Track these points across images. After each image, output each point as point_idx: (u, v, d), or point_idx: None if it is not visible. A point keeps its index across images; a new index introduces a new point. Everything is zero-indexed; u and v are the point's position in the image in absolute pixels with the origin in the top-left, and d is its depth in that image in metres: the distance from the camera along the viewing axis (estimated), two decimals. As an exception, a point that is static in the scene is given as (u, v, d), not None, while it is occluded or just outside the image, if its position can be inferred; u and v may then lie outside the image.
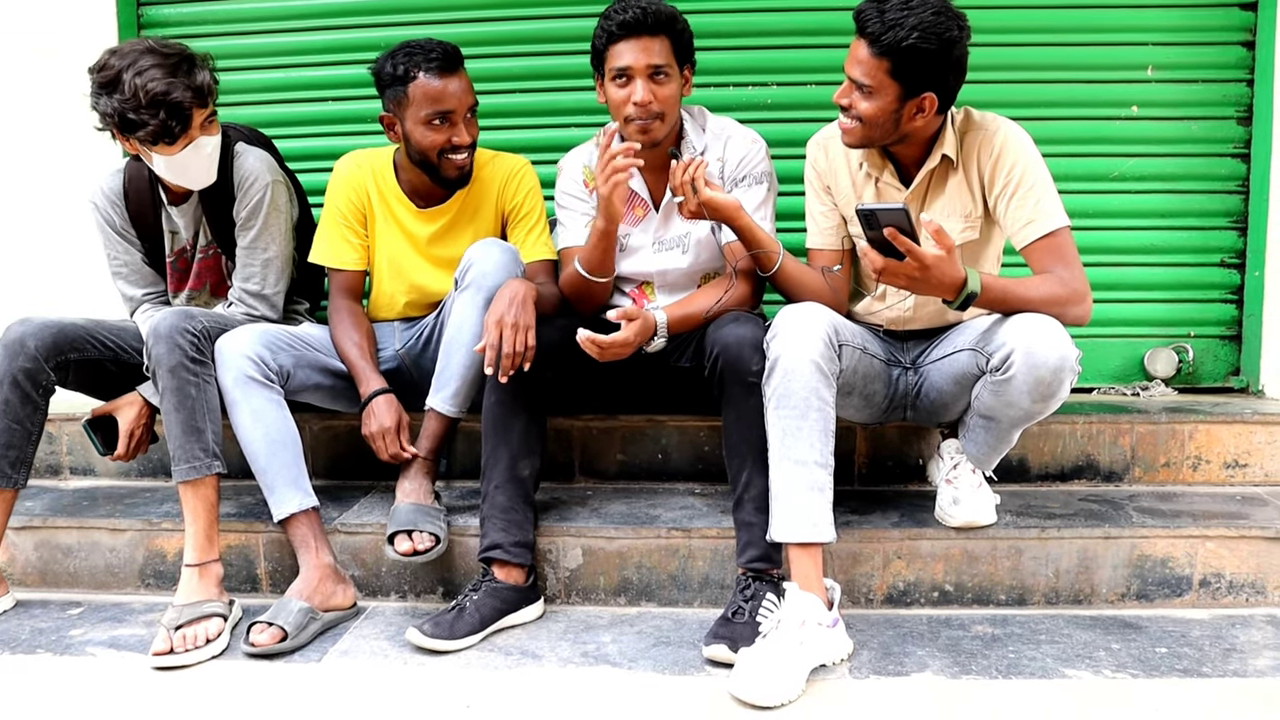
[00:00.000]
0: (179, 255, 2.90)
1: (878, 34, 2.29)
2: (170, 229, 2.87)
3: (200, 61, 2.61)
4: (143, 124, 2.52)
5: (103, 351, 2.76)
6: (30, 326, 2.64)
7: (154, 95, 2.50)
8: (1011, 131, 2.45)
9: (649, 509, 2.77)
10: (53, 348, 2.64)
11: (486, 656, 2.37)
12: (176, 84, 2.52)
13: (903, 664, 2.28)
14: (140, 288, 2.92)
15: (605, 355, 2.47)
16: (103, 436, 2.78)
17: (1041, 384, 2.22)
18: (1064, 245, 2.37)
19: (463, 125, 2.70)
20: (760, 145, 2.75)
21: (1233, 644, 2.36)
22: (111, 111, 2.53)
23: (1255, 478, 2.95)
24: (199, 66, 2.59)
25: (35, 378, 2.62)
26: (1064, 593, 2.57)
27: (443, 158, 2.72)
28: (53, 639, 2.51)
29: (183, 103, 2.53)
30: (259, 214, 2.79)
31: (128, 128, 2.55)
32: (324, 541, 2.58)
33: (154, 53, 2.54)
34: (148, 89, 2.49)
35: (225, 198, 2.80)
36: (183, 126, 2.56)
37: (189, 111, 2.56)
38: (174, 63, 2.54)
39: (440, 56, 2.65)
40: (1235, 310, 3.41)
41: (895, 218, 2.13)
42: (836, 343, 2.34)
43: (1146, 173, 3.37)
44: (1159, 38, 3.32)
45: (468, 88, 2.71)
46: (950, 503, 2.59)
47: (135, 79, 2.50)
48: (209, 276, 2.92)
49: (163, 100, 2.51)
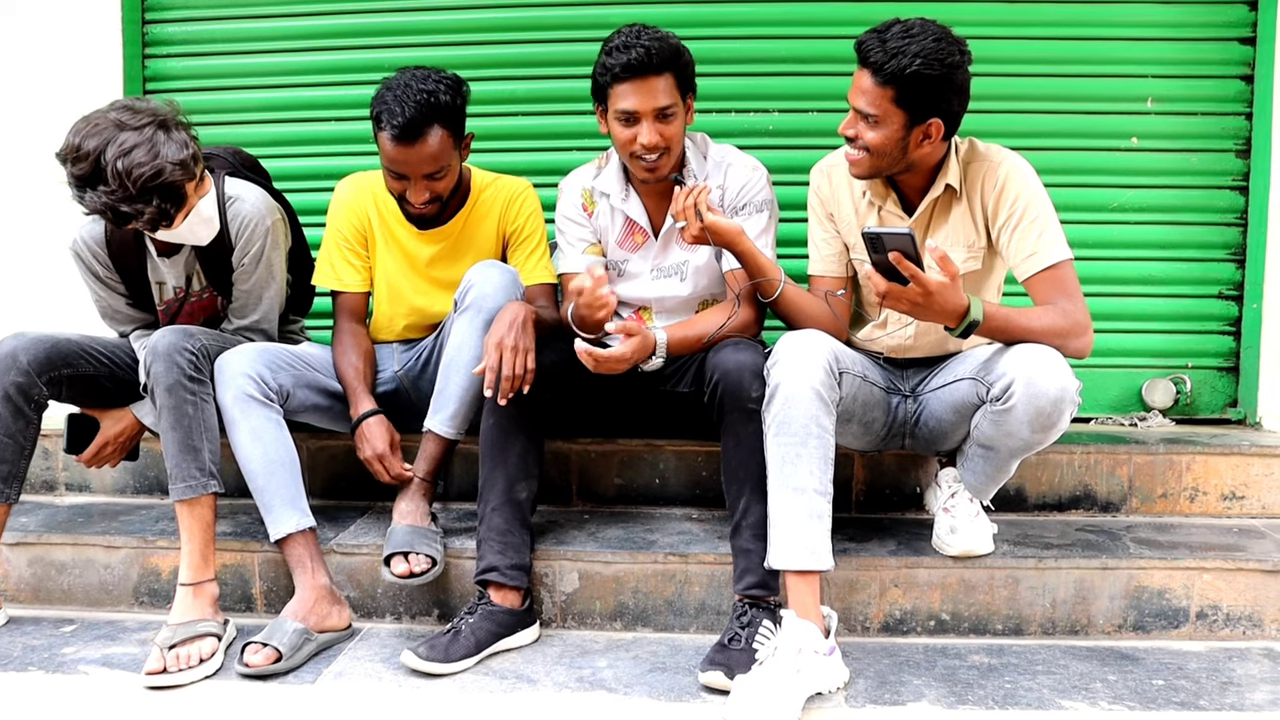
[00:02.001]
0: (169, 304, 2.83)
1: (881, 63, 2.30)
2: (157, 279, 2.79)
3: (174, 123, 2.44)
4: (138, 214, 2.37)
5: (97, 367, 2.74)
6: (23, 341, 2.62)
7: (143, 182, 2.33)
8: (1016, 163, 2.46)
9: (646, 534, 2.77)
10: (45, 362, 2.62)
11: (482, 680, 2.35)
12: (164, 163, 2.35)
13: (899, 693, 2.27)
14: (129, 325, 2.87)
15: (600, 367, 2.47)
16: (79, 435, 2.78)
17: (1041, 415, 2.22)
18: (1066, 278, 2.37)
19: (420, 186, 2.65)
20: (761, 172, 2.76)
21: (1230, 677, 2.35)
22: (101, 207, 2.35)
23: (1252, 510, 2.95)
24: (174, 129, 2.42)
25: (27, 392, 2.60)
26: (1061, 623, 2.57)
27: (401, 201, 2.74)
28: (45, 656, 2.49)
29: (175, 183, 2.38)
30: (261, 259, 2.74)
31: (122, 220, 2.39)
32: (320, 562, 2.57)
33: (125, 127, 2.35)
34: (134, 176, 2.31)
35: (222, 246, 2.71)
36: (178, 206, 2.43)
37: (182, 189, 2.42)
38: (151, 134, 2.36)
39: (402, 125, 2.55)
40: (1233, 342, 3.42)
41: (901, 242, 2.13)
42: (837, 370, 2.34)
43: (1146, 204, 3.39)
44: (1159, 70, 3.35)
45: (428, 156, 2.61)
46: (948, 531, 2.59)
47: (118, 164, 2.31)
48: (201, 315, 2.86)
49: (154, 185, 2.34)
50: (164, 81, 3.62)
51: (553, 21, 3.50)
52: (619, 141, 2.65)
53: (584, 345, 2.44)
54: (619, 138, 2.63)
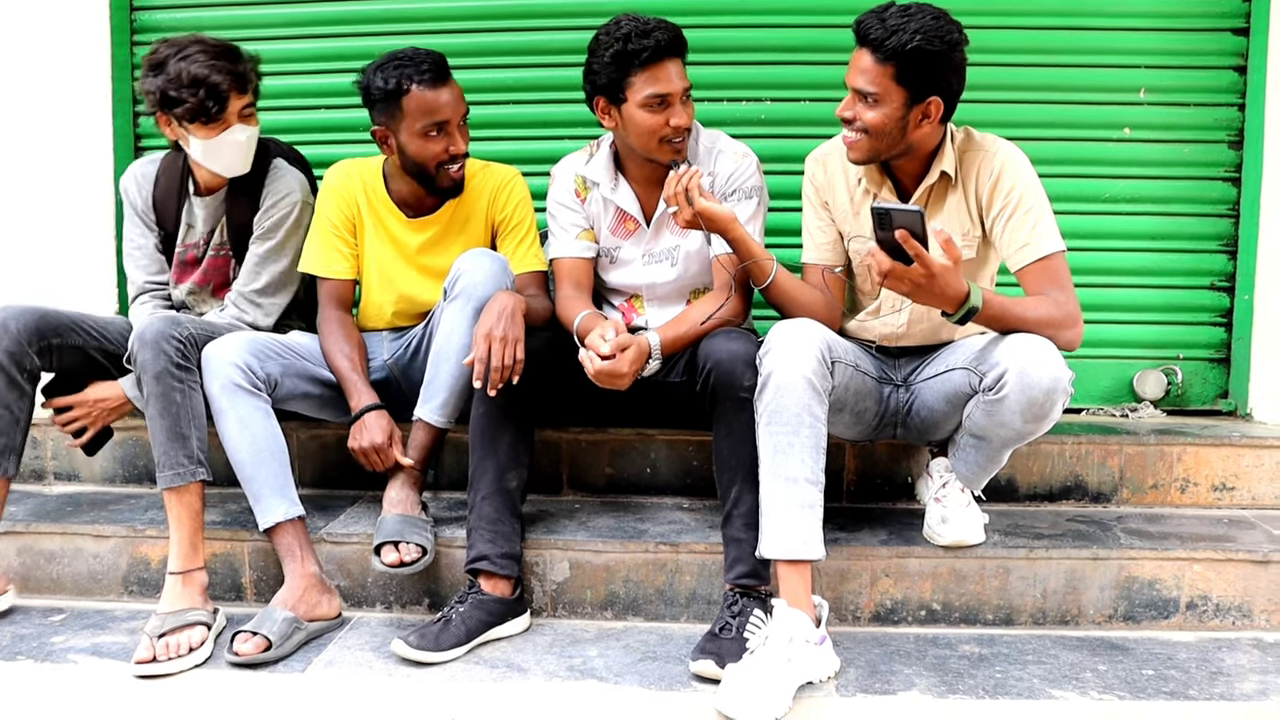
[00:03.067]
0: (189, 248, 2.92)
1: (881, 40, 2.30)
2: (188, 221, 2.91)
3: (246, 56, 2.76)
4: (181, 101, 2.65)
5: (86, 339, 2.76)
6: (11, 311, 2.65)
7: (194, 77, 2.63)
8: (1011, 154, 2.45)
9: (637, 523, 2.77)
10: (35, 331, 2.64)
11: (472, 669, 2.35)
12: (217, 68, 2.66)
13: (889, 682, 2.28)
14: (147, 273, 2.94)
15: (601, 383, 2.48)
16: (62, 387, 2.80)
17: (1034, 405, 2.22)
18: (1059, 269, 2.37)
19: (458, 134, 2.70)
20: (751, 159, 2.74)
21: (1219, 667, 2.36)
22: (154, 90, 2.67)
23: (1243, 500, 2.95)
24: (243, 59, 2.74)
25: (19, 361, 2.62)
26: (1051, 613, 2.57)
27: (440, 169, 2.71)
28: (34, 646, 2.48)
29: (220, 85, 2.65)
30: (281, 228, 2.84)
31: (167, 104, 2.67)
32: (310, 551, 2.57)
33: (202, 43, 2.70)
34: (189, 71, 2.63)
35: (251, 204, 2.86)
36: (219, 108, 2.68)
37: (226, 94, 2.67)
38: (218, 51, 2.69)
39: (431, 68, 2.65)
40: (1224, 333, 3.42)
41: (909, 220, 2.11)
42: (829, 359, 2.34)
43: (1138, 195, 3.38)
44: (1151, 61, 3.34)
45: (459, 96, 2.71)
46: (939, 521, 2.59)
47: (180, 63, 2.64)
48: (215, 277, 2.92)
49: (202, 82, 2.64)
50: (152, 69, 3.59)
51: (542, 9, 3.47)
52: (646, 128, 2.60)
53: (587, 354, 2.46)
54: (646, 125, 2.60)
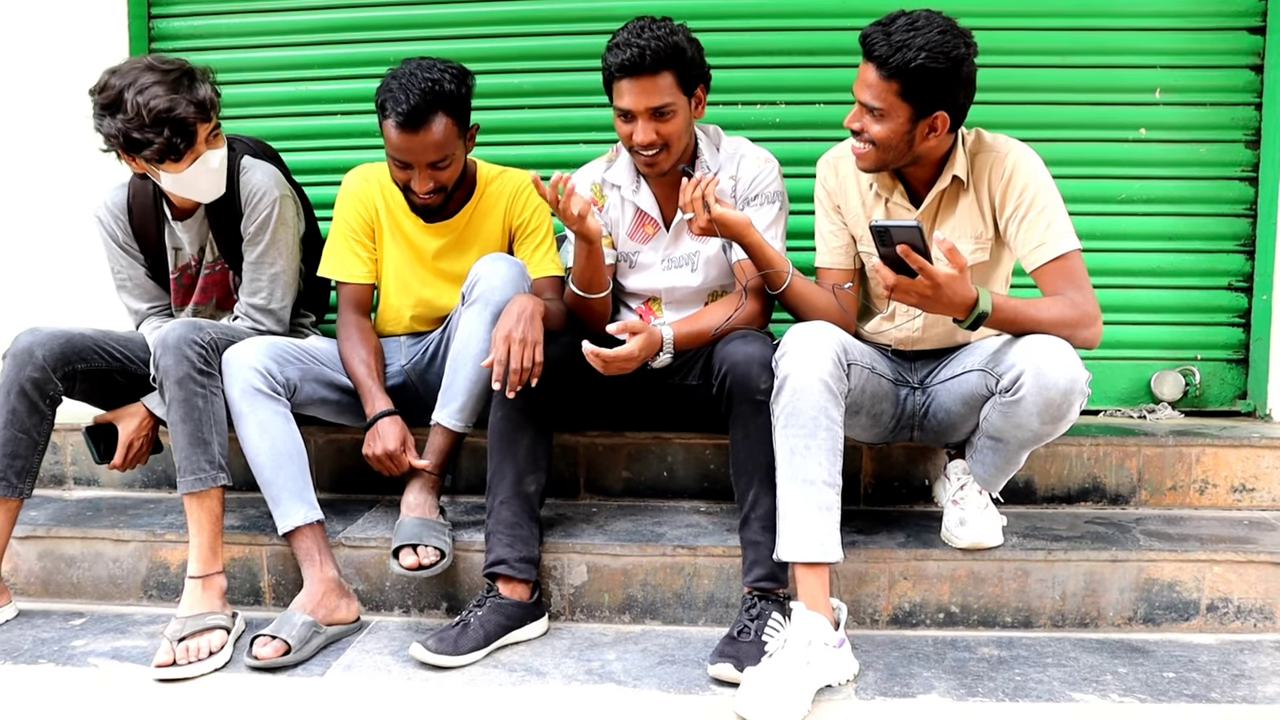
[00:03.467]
0: (183, 271, 2.89)
1: (886, 56, 2.29)
2: (174, 245, 2.86)
3: (201, 75, 2.60)
4: (148, 143, 2.51)
5: (110, 362, 2.75)
6: (38, 336, 2.63)
7: (157, 113, 2.49)
8: (1023, 154, 2.45)
9: (654, 526, 2.77)
10: (60, 358, 2.63)
11: (490, 673, 2.35)
12: (179, 100, 2.51)
13: (909, 685, 2.27)
14: (144, 301, 2.93)
15: (610, 369, 2.47)
16: (103, 445, 2.77)
17: (1051, 406, 2.21)
18: (1075, 268, 2.36)
19: (424, 174, 2.66)
20: (773, 165, 2.75)
21: (1241, 670, 2.34)
22: (115, 132, 2.52)
23: (1263, 502, 2.94)
24: (200, 80, 2.58)
25: (43, 388, 2.62)
26: (1070, 615, 2.56)
27: (406, 190, 2.73)
28: (55, 649, 2.50)
29: (187, 119, 2.52)
30: (267, 229, 2.79)
31: (133, 147, 2.54)
32: (328, 555, 2.57)
33: (154, 70, 2.53)
34: (150, 107, 2.48)
35: (232, 213, 2.79)
36: (188, 143, 2.55)
37: (193, 127, 2.54)
38: (175, 78, 2.53)
39: (406, 113, 2.56)
40: (1242, 334, 3.41)
41: (908, 235, 2.12)
42: (845, 362, 2.34)
43: (1154, 195, 3.38)
44: (1167, 61, 3.33)
45: (432, 144, 2.62)
46: (957, 524, 2.58)
47: (137, 97, 2.48)
48: (215, 292, 2.92)
49: (166, 117, 2.49)
50: (170, 76, 3.61)
51: (560, 14, 3.49)
52: (620, 136, 2.67)
53: (591, 347, 2.44)
54: (620, 132, 2.66)
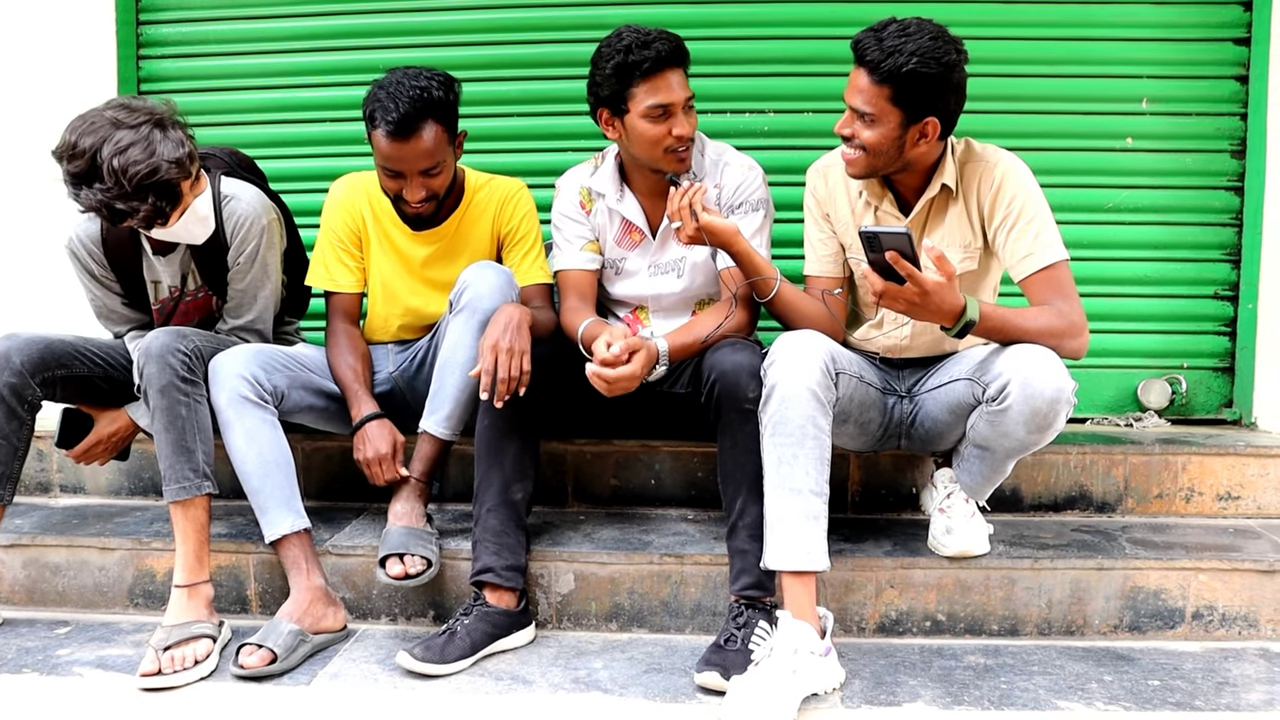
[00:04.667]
0: (164, 304, 2.83)
1: (877, 62, 2.30)
2: (152, 279, 2.80)
3: (171, 122, 2.44)
4: (133, 211, 2.37)
5: (91, 368, 2.73)
6: (16, 342, 2.61)
7: (139, 180, 2.33)
8: (1012, 164, 2.46)
9: (642, 534, 2.77)
10: (39, 363, 2.62)
11: (477, 681, 2.35)
12: (159, 162, 2.35)
13: (895, 694, 2.27)
14: (123, 325, 2.87)
15: (614, 390, 2.47)
16: (72, 431, 2.76)
17: (1038, 415, 2.22)
18: (1062, 278, 2.37)
19: (416, 183, 2.66)
20: (757, 172, 2.75)
21: (1225, 677, 2.35)
22: (96, 205, 2.36)
23: (1248, 510, 2.95)
24: (170, 128, 2.43)
25: (21, 393, 2.60)
26: (1056, 623, 2.57)
27: (397, 200, 2.73)
28: (39, 658, 2.48)
29: (171, 181, 2.39)
30: (256, 258, 2.74)
31: (117, 218, 2.39)
32: (315, 563, 2.57)
33: (121, 125, 2.36)
34: (131, 174, 2.32)
35: (217, 244, 2.71)
36: (174, 204, 2.44)
37: (178, 187, 2.42)
38: (148, 133, 2.37)
39: (396, 121, 2.55)
40: (1228, 342, 3.42)
41: (898, 241, 2.13)
42: (834, 371, 2.34)
43: (1141, 205, 3.39)
44: (1154, 71, 3.35)
45: (423, 152, 2.61)
46: (943, 532, 2.59)
47: (114, 161, 2.31)
48: (196, 314, 2.86)
49: (150, 183, 2.35)
50: (158, 83, 3.61)
51: (548, 22, 3.50)
52: (649, 139, 2.60)
53: (595, 368, 2.45)
54: (649, 135, 2.60)
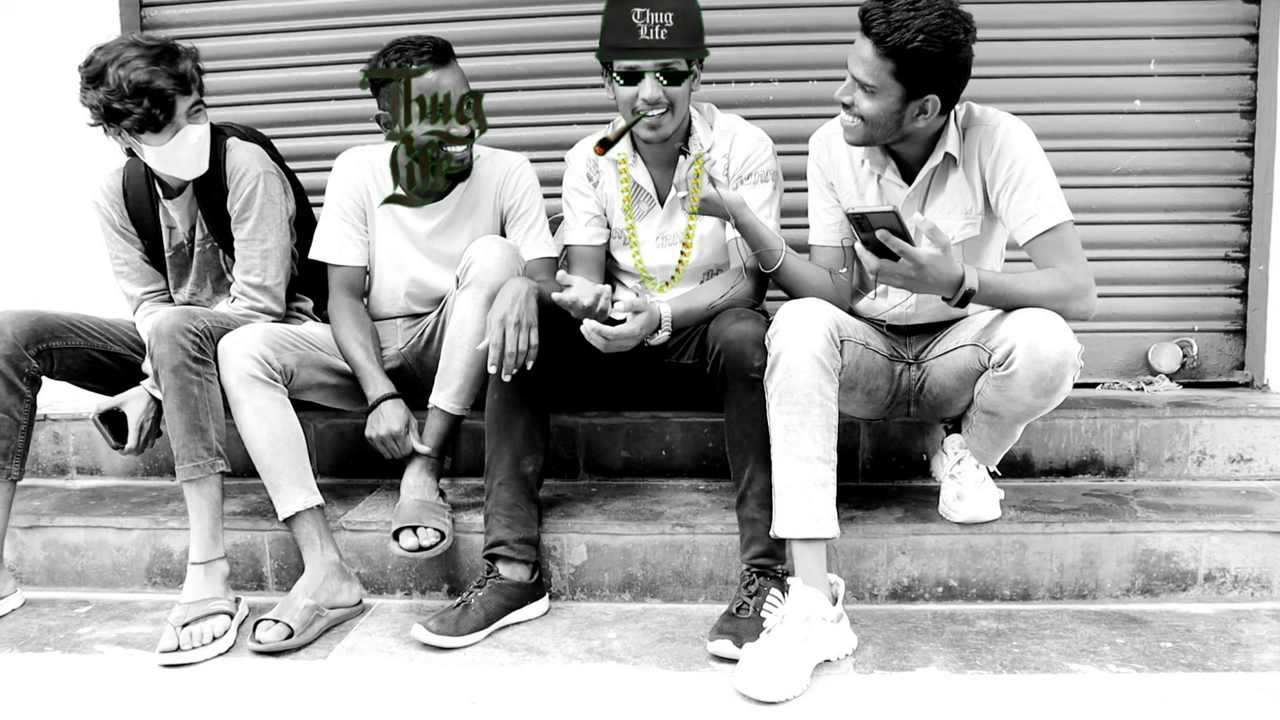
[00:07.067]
0: (177, 250, 2.92)
1: (883, 35, 2.27)
2: (168, 224, 2.89)
3: (184, 53, 2.65)
4: (127, 113, 2.57)
5: (87, 340, 2.79)
6: (8, 315, 2.69)
7: (137, 85, 2.55)
8: (1013, 127, 2.44)
9: (653, 505, 2.78)
10: (31, 334, 2.68)
11: (492, 653, 2.37)
12: (159, 72, 2.57)
13: (907, 659, 2.29)
14: (141, 285, 2.95)
15: (610, 346, 2.47)
16: (112, 430, 2.78)
17: (1044, 379, 2.22)
18: (1067, 240, 2.36)
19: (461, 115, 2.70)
20: (766, 144, 2.74)
21: (1238, 638, 2.35)
22: (98, 103, 2.59)
23: (1260, 472, 2.94)
24: (181, 57, 2.64)
25: (17, 364, 2.65)
26: (1068, 587, 2.57)
27: (441, 147, 2.72)
28: (61, 637, 2.52)
29: (165, 90, 2.58)
30: (253, 205, 2.80)
31: (113, 117, 2.60)
32: (329, 539, 2.59)
33: (137, 46, 2.60)
34: (131, 79, 2.54)
35: (219, 191, 2.82)
36: (167, 114, 2.61)
37: (172, 99, 2.60)
38: (156, 54, 2.59)
39: (431, 50, 2.66)
40: (1239, 304, 3.41)
41: (886, 220, 2.13)
42: (838, 338, 2.34)
43: (1150, 167, 3.37)
44: (1162, 31, 3.33)
45: (461, 80, 2.71)
46: (954, 498, 2.59)
47: (119, 71, 2.55)
48: (209, 272, 2.93)
49: (145, 89, 2.55)
50: (163, 64, 3.61)
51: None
52: (621, 99, 2.61)
53: (592, 324, 2.44)
54: (621, 96, 2.61)
